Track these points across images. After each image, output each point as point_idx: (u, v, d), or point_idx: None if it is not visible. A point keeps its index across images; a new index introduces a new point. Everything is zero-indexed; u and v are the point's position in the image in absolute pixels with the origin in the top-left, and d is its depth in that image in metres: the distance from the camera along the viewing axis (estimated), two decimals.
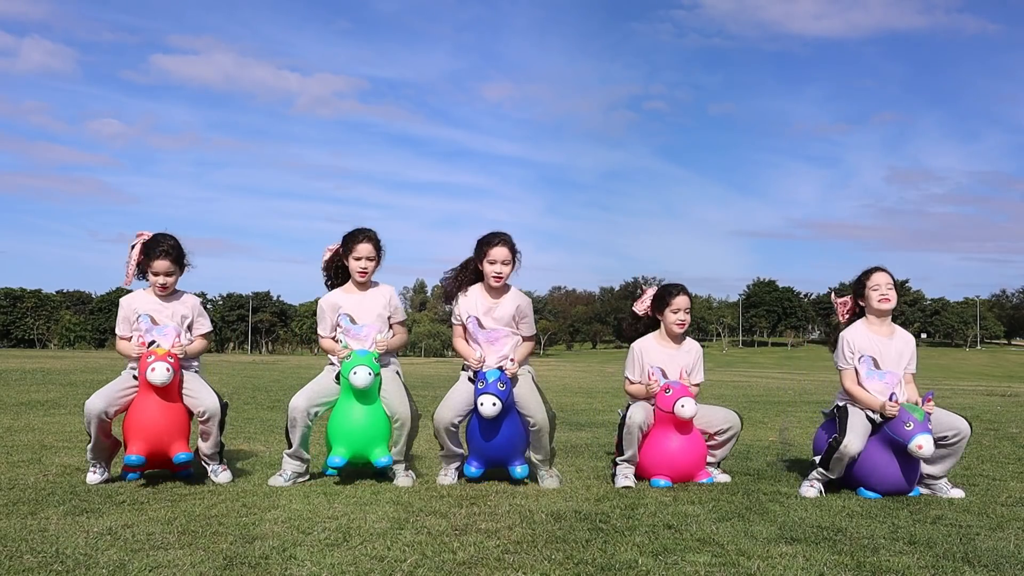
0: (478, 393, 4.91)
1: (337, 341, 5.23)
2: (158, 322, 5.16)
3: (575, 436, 7.89)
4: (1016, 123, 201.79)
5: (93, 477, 4.97)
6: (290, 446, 5.06)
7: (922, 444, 4.68)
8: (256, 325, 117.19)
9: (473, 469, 5.13)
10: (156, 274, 5.12)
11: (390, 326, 5.31)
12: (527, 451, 5.17)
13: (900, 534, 3.96)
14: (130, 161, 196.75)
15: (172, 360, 4.87)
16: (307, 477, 5.15)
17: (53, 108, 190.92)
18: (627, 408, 5.28)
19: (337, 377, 5.11)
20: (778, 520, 4.20)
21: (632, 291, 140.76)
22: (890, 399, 4.95)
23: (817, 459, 5.07)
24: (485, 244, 5.21)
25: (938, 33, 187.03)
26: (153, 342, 5.07)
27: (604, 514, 4.26)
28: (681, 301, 5.43)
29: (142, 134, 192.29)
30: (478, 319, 5.22)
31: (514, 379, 5.07)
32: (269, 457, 6.13)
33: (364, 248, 5.23)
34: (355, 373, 4.92)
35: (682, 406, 5.12)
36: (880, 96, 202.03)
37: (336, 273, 5.43)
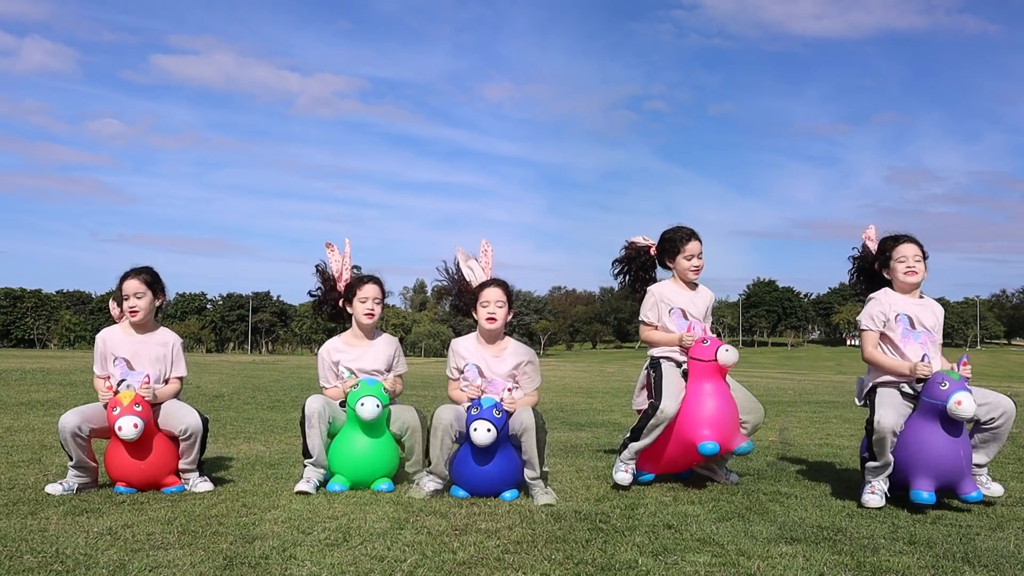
0: (471, 419, 4.56)
1: (340, 377, 5.10)
2: (134, 367, 4.89)
3: (575, 436, 7.89)
4: (1016, 123, 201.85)
5: (55, 487, 4.64)
6: (307, 454, 4.83)
7: (961, 400, 4.29)
8: (256, 325, 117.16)
9: (460, 494, 4.72)
10: (126, 297, 4.86)
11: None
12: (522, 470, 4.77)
13: (900, 534, 3.96)
14: (130, 161, 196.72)
15: (140, 409, 4.60)
16: (323, 473, 4.92)
17: (53, 108, 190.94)
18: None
19: (344, 405, 4.91)
20: (778, 520, 4.20)
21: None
22: (923, 359, 4.60)
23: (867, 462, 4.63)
24: (479, 287, 5.03)
25: (938, 33, 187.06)
26: (123, 380, 4.84)
27: (604, 514, 4.26)
28: (693, 247, 5.16)
29: (142, 134, 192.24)
30: (479, 367, 4.95)
31: (510, 413, 4.71)
32: (269, 457, 6.13)
33: (372, 290, 5.12)
34: (362, 404, 4.70)
35: (726, 350, 4.89)
36: (880, 96, 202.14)
37: (334, 307, 5.24)
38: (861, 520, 4.25)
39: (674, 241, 5.20)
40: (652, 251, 5.36)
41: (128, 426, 4.54)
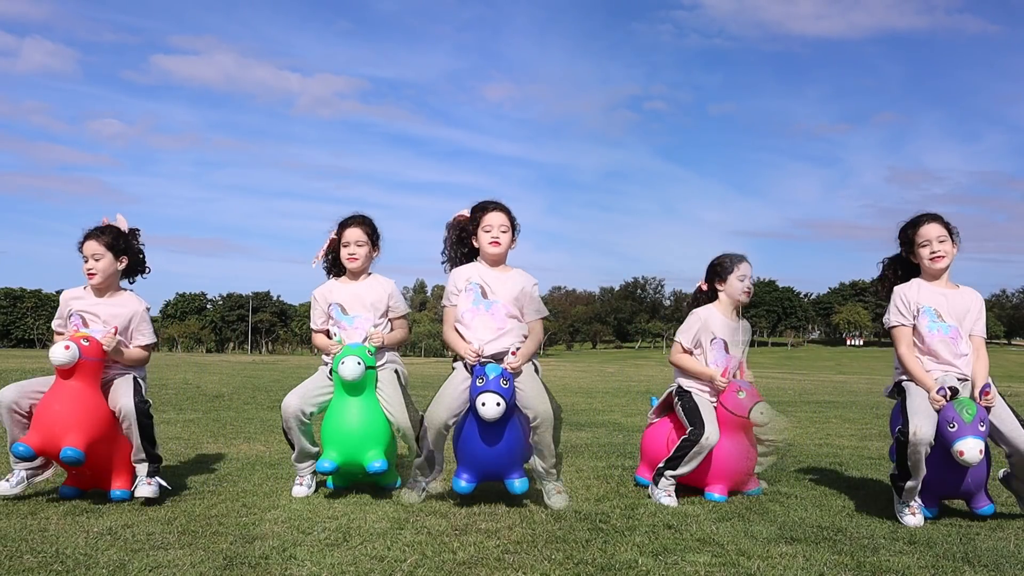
0: (477, 391, 4.21)
1: (331, 336, 4.82)
2: (89, 325, 4.57)
3: (575, 436, 7.89)
4: (1016, 123, 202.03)
5: (3, 486, 4.34)
6: (294, 452, 4.71)
7: (963, 451, 3.97)
8: (256, 325, 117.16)
9: (463, 483, 4.41)
10: (85, 259, 4.54)
11: (389, 321, 4.90)
12: (530, 459, 4.51)
13: (900, 534, 3.96)
14: (130, 161, 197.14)
15: (87, 344, 4.27)
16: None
17: (54, 108, 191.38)
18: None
19: (331, 374, 4.65)
20: (778, 520, 4.20)
21: (632, 291, 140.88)
22: (938, 392, 4.16)
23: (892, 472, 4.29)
24: (479, 211, 4.62)
25: (938, 33, 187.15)
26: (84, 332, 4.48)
27: (604, 514, 4.26)
28: (746, 268, 4.88)
29: (142, 134, 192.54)
30: (481, 286, 4.55)
31: (516, 374, 4.39)
32: (269, 457, 6.13)
33: (352, 233, 4.81)
34: (343, 364, 4.43)
35: (760, 412, 4.61)
36: (880, 96, 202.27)
37: (334, 263, 4.98)
38: (861, 520, 4.25)
39: (724, 265, 4.92)
40: (703, 288, 5.06)
41: (59, 349, 4.18)
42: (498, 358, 4.42)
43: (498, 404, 4.17)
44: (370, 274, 4.94)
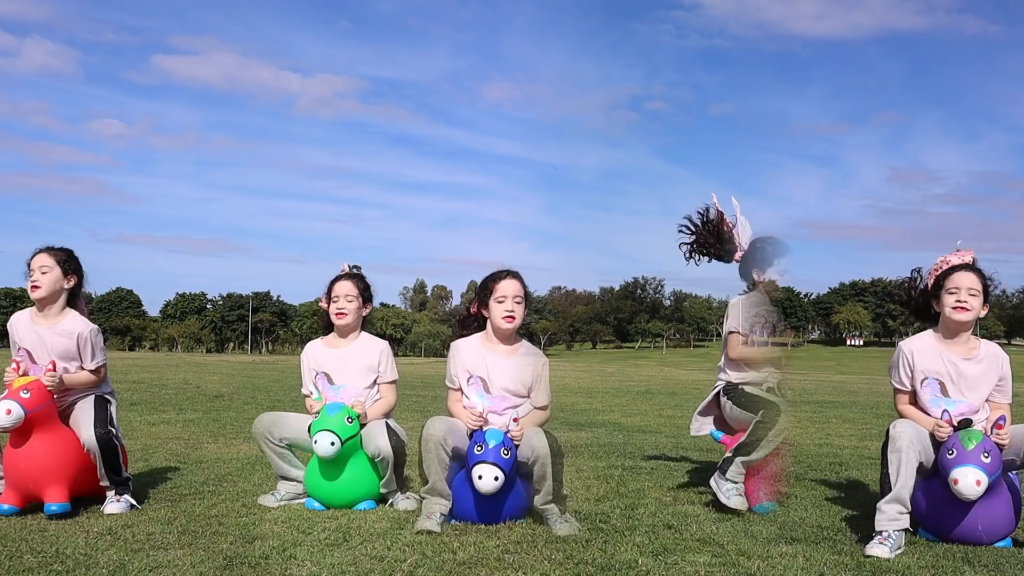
0: (474, 460, 3.89)
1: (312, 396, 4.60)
2: (36, 361, 4.32)
3: (575, 436, 7.89)
4: (1016, 123, 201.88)
5: None
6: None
7: (958, 479, 3.57)
8: (256, 325, 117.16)
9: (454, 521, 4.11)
10: (31, 272, 4.36)
11: (377, 386, 4.62)
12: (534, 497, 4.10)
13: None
14: (130, 161, 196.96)
15: (27, 396, 4.02)
16: (303, 495, 4.50)
17: (54, 108, 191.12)
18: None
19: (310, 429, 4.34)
20: (778, 520, 4.20)
21: (632, 291, 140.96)
22: (943, 416, 3.82)
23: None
24: (492, 279, 4.28)
25: (938, 33, 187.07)
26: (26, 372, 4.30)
27: (604, 514, 4.26)
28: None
29: (143, 134, 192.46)
30: (483, 380, 4.23)
31: (517, 444, 4.02)
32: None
33: (341, 287, 4.59)
34: (315, 442, 4.16)
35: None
36: (880, 96, 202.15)
37: (328, 323, 4.71)
38: (861, 520, 4.24)
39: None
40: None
41: (0, 414, 3.96)
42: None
43: (496, 479, 3.85)
44: (361, 333, 4.69)
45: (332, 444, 4.16)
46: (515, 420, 4.08)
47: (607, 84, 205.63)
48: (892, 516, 3.66)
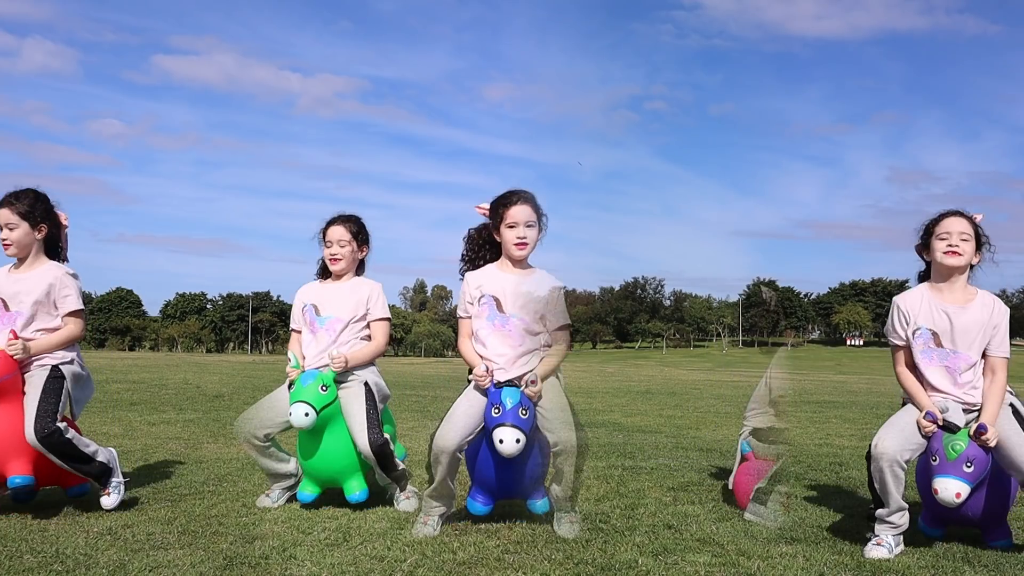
0: (493, 423, 3.71)
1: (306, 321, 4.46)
2: (9, 308, 4.10)
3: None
4: (1016, 123, 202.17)
5: None
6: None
7: (937, 490, 3.48)
8: (256, 325, 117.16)
9: (480, 505, 3.97)
10: None
11: (367, 325, 4.49)
12: (549, 482, 3.99)
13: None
14: (130, 161, 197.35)
15: None
16: (294, 481, 4.46)
17: (54, 108, 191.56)
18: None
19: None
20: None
21: (632, 291, 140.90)
22: (926, 416, 3.65)
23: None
24: (502, 204, 4.02)
25: (938, 33, 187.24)
26: None
27: (604, 514, 4.26)
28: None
29: (143, 134, 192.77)
30: (496, 299, 4.00)
31: (537, 399, 3.85)
32: None
33: (334, 232, 4.48)
34: (291, 413, 4.09)
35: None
36: (880, 96, 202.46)
37: (326, 268, 4.63)
38: (861, 520, 4.24)
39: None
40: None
41: None
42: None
43: (517, 440, 3.67)
44: (358, 275, 4.61)
45: (307, 415, 4.08)
46: (532, 382, 3.83)
47: (607, 84, 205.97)
48: (893, 524, 3.63)
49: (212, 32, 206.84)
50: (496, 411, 3.74)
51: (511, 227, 3.98)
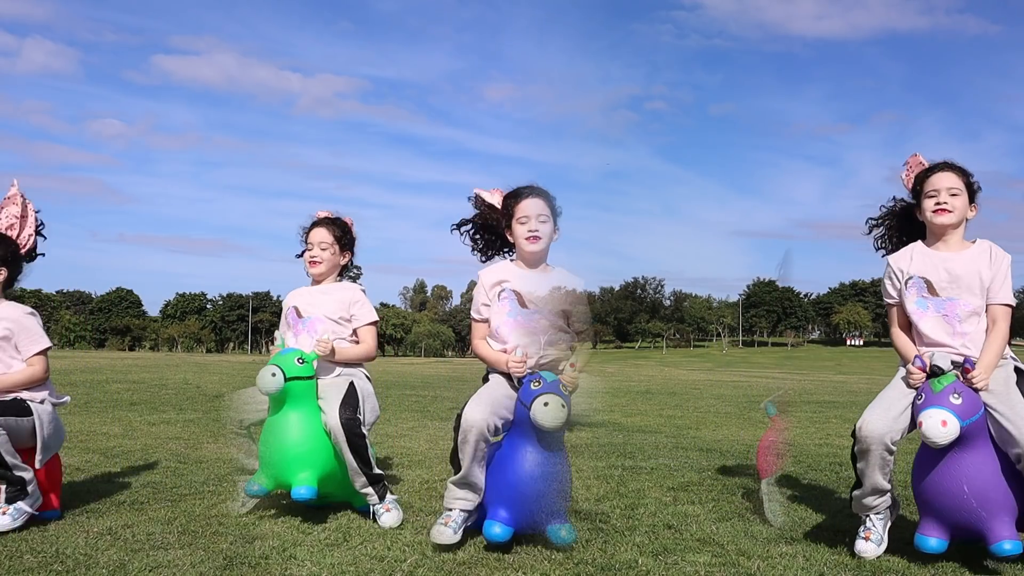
0: (533, 394, 3.40)
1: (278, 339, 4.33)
2: None
3: (575, 436, 7.88)
4: (1016, 123, 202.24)
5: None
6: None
7: (923, 421, 3.22)
8: (256, 325, 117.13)
9: (498, 529, 3.48)
10: None
11: (354, 332, 4.35)
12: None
13: (900, 534, 3.95)
14: (130, 161, 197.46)
15: None
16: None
17: (54, 108, 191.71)
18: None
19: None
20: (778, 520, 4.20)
21: (632, 291, 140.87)
22: (914, 362, 3.44)
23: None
24: (512, 198, 3.87)
25: (939, 34, 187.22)
26: None
27: (604, 514, 4.26)
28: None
29: (143, 134, 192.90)
30: (517, 293, 3.79)
31: (573, 391, 3.59)
32: None
33: (315, 234, 4.34)
34: (259, 373, 3.92)
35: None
36: (880, 96, 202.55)
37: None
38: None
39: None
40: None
41: None
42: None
43: (563, 407, 3.36)
44: (340, 280, 4.47)
45: (273, 375, 3.87)
46: (572, 365, 3.63)
47: (607, 84, 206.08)
48: (868, 504, 3.50)
49: (212, 32, 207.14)
50: (536, 384, 3.46)
51: (522, 223, 3.81)
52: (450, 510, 3.55)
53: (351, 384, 4.15)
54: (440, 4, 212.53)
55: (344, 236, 4.41)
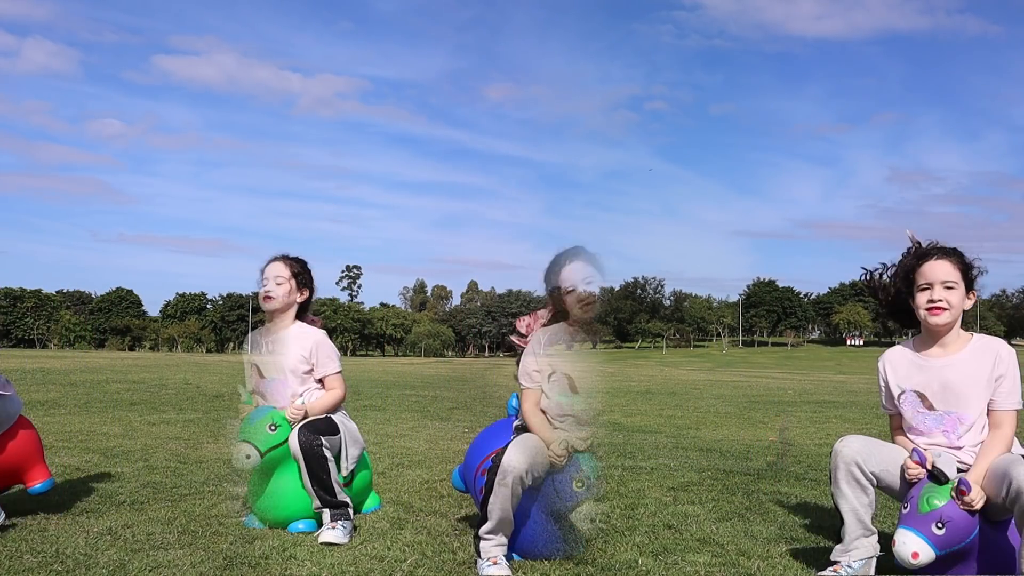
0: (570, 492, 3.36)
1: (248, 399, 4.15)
2: None
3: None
4: (1016, 123, 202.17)
5: None
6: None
7: (895, 541, 2.93)
8: (256, 325, 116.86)
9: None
10: None
11: (318, 381, 4.15)
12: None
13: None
14: (130, 161, 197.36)
15: None
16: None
17: (54, 108, 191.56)
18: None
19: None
20: (778, 520, 4.20)
21: (632, 291, 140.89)
22: (911, 456, 3.14)
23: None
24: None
25: (939, 33, 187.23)
26: None
27: (604, 514, 4.26)
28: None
29: (143, 134, 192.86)
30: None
31: None
32: None
33: (271, 268, 4.14)
34: (232, 453, 3.80)
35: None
36: (880, 96, 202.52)
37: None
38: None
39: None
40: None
41: None
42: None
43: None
44: (296, 322, 4.20)
45: (248, 457, 3.74)
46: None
47: (607, 84, 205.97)
48: (851, 547, 3.16)
49: (212, 32, 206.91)
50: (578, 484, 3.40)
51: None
52: (489, 548, 3.29)
53: (328, 417, 4.05)
54: (440, 4, 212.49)
55: (302, 273, 4.20)
